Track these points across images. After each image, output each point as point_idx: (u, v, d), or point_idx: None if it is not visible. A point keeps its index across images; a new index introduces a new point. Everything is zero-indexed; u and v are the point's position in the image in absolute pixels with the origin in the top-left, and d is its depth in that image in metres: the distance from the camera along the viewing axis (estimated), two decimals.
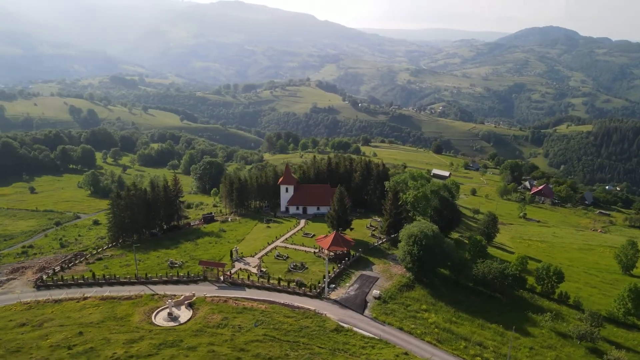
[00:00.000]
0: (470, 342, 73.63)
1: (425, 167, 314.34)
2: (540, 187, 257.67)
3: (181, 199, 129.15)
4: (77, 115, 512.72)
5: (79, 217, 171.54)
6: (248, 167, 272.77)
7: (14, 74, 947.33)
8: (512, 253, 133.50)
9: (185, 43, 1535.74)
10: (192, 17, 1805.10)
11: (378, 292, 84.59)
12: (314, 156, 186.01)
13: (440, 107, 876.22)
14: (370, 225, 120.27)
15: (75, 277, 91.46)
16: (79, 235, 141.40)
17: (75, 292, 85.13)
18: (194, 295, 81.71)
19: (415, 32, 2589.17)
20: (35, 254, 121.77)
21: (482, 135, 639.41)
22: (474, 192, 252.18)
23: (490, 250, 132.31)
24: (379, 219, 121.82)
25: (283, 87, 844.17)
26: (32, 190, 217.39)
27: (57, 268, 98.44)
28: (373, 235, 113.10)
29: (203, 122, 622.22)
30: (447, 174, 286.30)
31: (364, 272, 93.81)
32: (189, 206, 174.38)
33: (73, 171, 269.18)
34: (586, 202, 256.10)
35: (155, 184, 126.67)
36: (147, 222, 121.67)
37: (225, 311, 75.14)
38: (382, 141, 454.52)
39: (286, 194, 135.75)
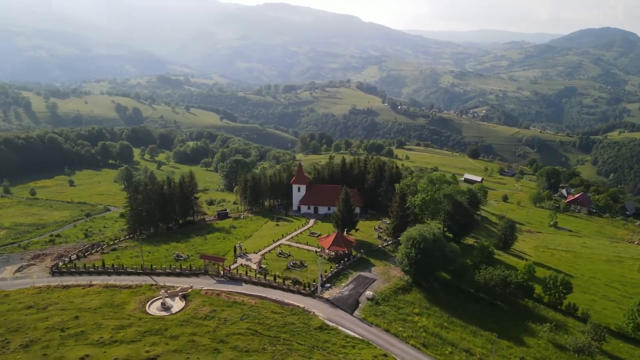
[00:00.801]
0: (457, 348, 72.42)
1: (458, 172, 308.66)
2: (576, 196, 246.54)
3: (196, 195, 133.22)
4: (123, 113, 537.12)
5: (108, 210, 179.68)
6: (278, 166, 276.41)
7: (70, 74, 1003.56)
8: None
9: (231, 44, 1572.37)
10: (239, 18, 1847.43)
11: (371, 293, 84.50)
12: (330, 156, 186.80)
13: (484, 111, 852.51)
14: (379, 227, 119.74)
15: (87, 266, 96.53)
16: (104, 227, 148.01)
17: (84, 280, 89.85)
18: (191, 287, 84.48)
19: (463, 34, 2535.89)
20: (60, 242, 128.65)
21: (525, 141, 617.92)
22: (505, 199, 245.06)
23: (506, 258, 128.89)
24: (389, 221, 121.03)
25: (323, 88, 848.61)
26: (71, 183, 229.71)
27: (74, 256, 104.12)
28: (379, 237, 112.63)
29: (242, 121, 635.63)
30: (479, 179, 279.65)
31: (362, 273, 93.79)
32: (211, 202, 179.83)
33: (112, 166, 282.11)
34: (627, 212, 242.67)
35: (171, 179, 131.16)
36: (164, 216, 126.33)
37: (216, 304, 77.34)
38: (418, 144, 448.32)
39: (298, 193, 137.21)
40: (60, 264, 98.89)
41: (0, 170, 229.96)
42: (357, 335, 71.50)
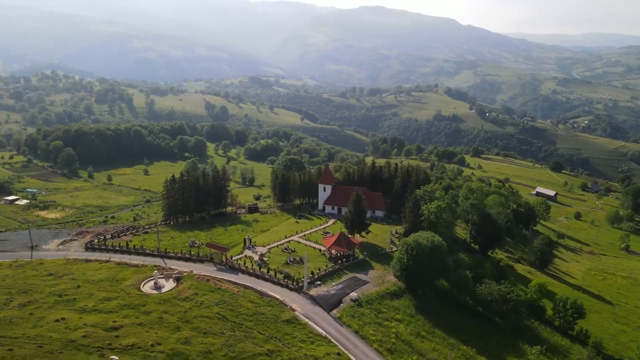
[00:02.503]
0: (424, 357, 70.32)
1: (532, 184, 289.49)
2: None
3: (228, 188, 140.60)
4: (211, 111, 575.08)
5: None
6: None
7: (174, 73, 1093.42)
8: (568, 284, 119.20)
9: (323, 47, 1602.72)
10: (333, 22, 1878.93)
11: (356, 295, 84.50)
12: (363, 159, 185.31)
13: (586, 121, 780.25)
14: (396, 232, 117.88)
15: (114, 245, 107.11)
16: (155, 213, 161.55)
17: (106, 256, 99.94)
18: (190, 271, 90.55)
19: (572, 37, 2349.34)
20: (112, 223, 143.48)
21: (631, 156, 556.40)
22: (578, 216, 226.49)
23: (538, 276, 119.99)
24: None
25: (408, 93, 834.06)
26: (146, 172, 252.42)
27: (109, 236, 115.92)
28: (391, 242, 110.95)
29: (323, 122, 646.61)
30: (552, 193, 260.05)
31: (356, 275, 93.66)
32: (258, 197, 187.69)
33: (186, 159, 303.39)
34: None
35: (206, 173, 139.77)
36: (198, 206, 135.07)
37: (200, 288, 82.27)
38: (497, 153, 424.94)
39: (324, 193, 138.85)
40: (95, 241, 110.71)
41: (90, 158, 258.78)
42: (322, 332, 72.33)
